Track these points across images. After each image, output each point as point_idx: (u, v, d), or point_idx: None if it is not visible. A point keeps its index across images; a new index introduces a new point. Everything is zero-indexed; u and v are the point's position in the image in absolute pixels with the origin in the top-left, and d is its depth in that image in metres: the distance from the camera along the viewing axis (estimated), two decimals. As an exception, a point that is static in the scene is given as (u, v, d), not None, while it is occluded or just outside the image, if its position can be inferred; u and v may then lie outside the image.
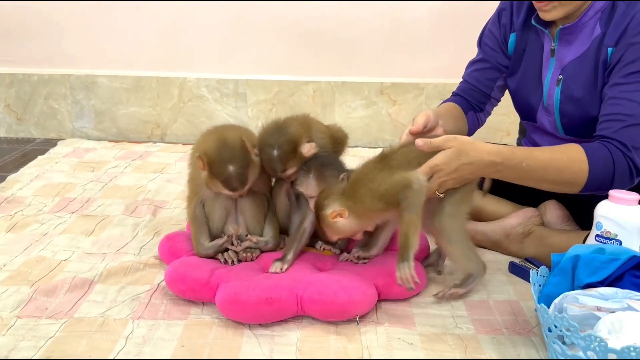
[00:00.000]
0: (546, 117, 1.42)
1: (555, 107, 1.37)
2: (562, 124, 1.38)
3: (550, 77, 1.38)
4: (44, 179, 2.04)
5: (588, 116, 1.32)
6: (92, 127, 2.59)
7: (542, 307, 1.02)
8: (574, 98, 1.33)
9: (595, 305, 1.05)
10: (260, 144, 1.37)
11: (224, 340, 1.14)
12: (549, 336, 1.02)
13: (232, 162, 1.28)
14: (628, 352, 0.90)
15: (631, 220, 1.14)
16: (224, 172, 1.28)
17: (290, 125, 1.38)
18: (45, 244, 1.53)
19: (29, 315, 1.21)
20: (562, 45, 1.35)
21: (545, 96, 1.39)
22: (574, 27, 1.31)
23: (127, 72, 2.54)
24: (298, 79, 2.51)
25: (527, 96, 1.44)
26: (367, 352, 1.11)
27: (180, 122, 2.56)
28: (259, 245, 1.41)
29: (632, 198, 1.15)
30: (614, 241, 1.16)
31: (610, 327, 0.99)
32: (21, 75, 2.55)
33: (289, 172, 1.36)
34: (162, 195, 1.90)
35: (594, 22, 1.30)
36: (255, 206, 1.42)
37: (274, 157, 1.34)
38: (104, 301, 1.27)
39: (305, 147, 1.35)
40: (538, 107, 1.43)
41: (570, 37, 1.33)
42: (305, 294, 1.19)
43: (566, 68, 1.34)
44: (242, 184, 1.31)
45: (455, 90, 1.62)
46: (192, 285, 1.24)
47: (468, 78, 1.58)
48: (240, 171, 1.29)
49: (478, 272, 1.28)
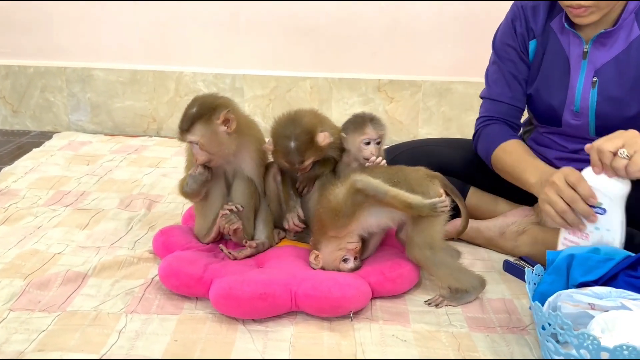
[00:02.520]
0: (574, 120, 1.39)
1: (591, 109, 1.36)
2: (597, 126, 1.37)
3: (583, 80, 1.36)
4: (38, 171, 2.03)
5: (624, 116, 1.33)
6: (88, 120, 2.58)
7: (536, 304, 1.02)
8: (613, 98, 1.33)
9: (589, 304, 1.05)
10: (275, 136, 1.36)
11: (217, 336, 1.14)
12: (542, 334, 1.02)
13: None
14: (621, 350, 0.90)
15: (616, 190, 1.15)
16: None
17: (303, 116, 1.38)
18: (39, 237, 1.52)
19: (22, 308, 1.20)
20: (595, 48, 1.34)
21: (578, 99, 1.36)
22: (613, 32, 1.31)
23: (123, 65, 2.53)
24: (295, 74, 2.50)
25: (550, 100, 1.41)
26: (360, 349, 1.11)
27: (176, 117, 2.52)
28: (258, 249, 1.41)
29: None
30: (599, 209, 1.16)
31: (603, 326, 0.99)
32: (17, 67, 2.54)
33: (307, 163, 1.36)
34: (157, 190, 1.90)
35: (630, 23, 1.30)
36: (249, 194, 1.41)
37: (292, 149, 1.33)
38: (97, 295, 1.26)
39: (321, 137, 1.35)
40: (563, 110, 1.40)
41: (607, 40, 1.32)
42: (299, 290, 1.19)
43: (601, 70, 1.34)
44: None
45: (486, 113, 1.52)
46: (185, 280, 1.23)
47: (499, 98, 1.49)
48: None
49: (474, 289, 1.27)
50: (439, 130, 2.47)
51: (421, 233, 1.25)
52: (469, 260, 1.46)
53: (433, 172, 1.32)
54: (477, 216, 1.54)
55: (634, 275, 1.12)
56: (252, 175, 1.42)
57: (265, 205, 1.46)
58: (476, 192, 1.56)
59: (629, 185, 1.15)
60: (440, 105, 2.46)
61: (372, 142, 1.36)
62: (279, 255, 1.39)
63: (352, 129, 1.37)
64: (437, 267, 1.26)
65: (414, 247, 1.26)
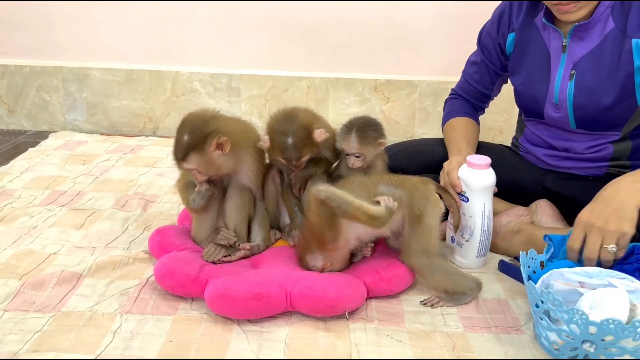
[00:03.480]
0: (555, 112, 1.44)
1: (568, 101, 1.40)
2: (575, 117, 1.41)
3: (562, 73, 1.40)
4: (34, 171, 2.02)
5: (600, 106, 1.36)
6: (84, 119, 2.58)
7: (530, 284, 1.08)
8: (589, 90, 1.37)
9: (579, 282, 1.12)
10: (271, 133, 1.36)
11: (212, 336, 1.14)
12: (536, 312, 1.08)
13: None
14: (607, 324, 0.97)
15: (474, 182, 1.34)
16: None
17: (299, 113, 1.38)
18: (35, 237, 1.52)
19: (17, 309, 1.20)
20: (573, 42, 1.38)
21: (557, 91, 1.41)
22: (589, 24, 1.34)
23: (120, 65, 2.53)
24: (292, 74, 2.50)
25: (534, 93, 1.46)
26: (355, 349, 1.11)
27: (172, 116, 2.55)
28: (253, 251, 1.41)
29: (482, 163, 1.34)
30: (463, 197, 1.37)
31: (592, 303, 1.05)
32: (13, 66, 2.53)
33: (304, 159, 1.36)
34: (153, 190, 1.89)
35: (605, 17, 1.33)
36: (241, 203, 1.41)
37: (290, 145, 1.33)
38: (92, 295, 1.26)
39: (317, 133, 1.35)
40: (545, 103, 1.44)
41: (583, 33, 1.36)
42: (294, 289, 1.19)
43: (579, 62, 1.37)
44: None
45: (456, 88, 1.69)
46: (181, 280, 1.23)
47: (469, 79, 1.64)
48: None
49: (471, 291, 1.28)
50: (435, 130, 2.47)
51: (418, 239, 1.26)
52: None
53: (424, 177, 1.35)
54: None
55: (626, 262, 1.17)
56: (250, 184, 1.41)
57: (262, 208, 1.46)
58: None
59: (489, 181, 1.34)
60: (436, 105, 2.46)
61: (351, 155, 1.37)
62: (275, 255, 1.39)
63: (339, 136, 1.39)
64: (433, 272, 1.26)
65: (411, 254, 1.26)
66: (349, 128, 1.37)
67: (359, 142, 1.35)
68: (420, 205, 1.27)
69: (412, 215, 1.27)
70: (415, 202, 1.27)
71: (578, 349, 1.04)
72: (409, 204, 1.27)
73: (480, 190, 1.35)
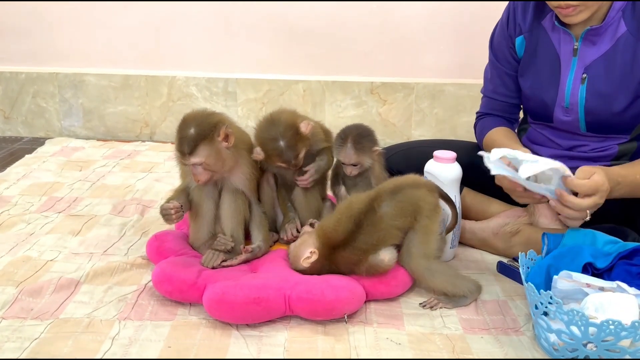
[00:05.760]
0: (565, 116, 1.42)
1: (580, 105, 1.39)
2: (587, 121, 1.40)
3: (573, 77, 1.39)
4: (31, 178, 2.02)
5: (612, 111, 1.36)
6: (81, 125, 2.57)
7: (529, 285, 1.07)
8: (601, 94, 1.36)
9: (586, 282, 1.11)
10: (262, 143, 1.37)
11: (211, 341, 1.13)
12: (535, 313, 1.08)
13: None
14: (607, 325, 0.97)
15: (443, 175, 1.39)
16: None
17: (280, 114, 1.41)
18: (32, 244, 1.51)
19: (14, 316, 1.19)
20: (585, 45, 1.37)
21: (568, 95, 1.40)
22: (601, 29, 1.33)
23: (115, 70, 2.52)
24: (288, 77, 2.50)
25: (542, 96, 1.45)
26: (355, 352, 1.11)
27: (169, 121, 2.55)
28: (255, 253, 1.40)
29: (448, 157, 1.40)
30: None
31: (597, 306, 1.05)
32: (9, 73, 2.52)
33: (301, 156, 1.38)
34: (150, 195, 1.89)
35: (617, 21, 1.33)
36: (235, 207, 1.41)
37: (283, 147, 1.35)
38: (90, 302, 1.25)
39: (303, 126, 1.37)
40: (554, 106, 1.43)
41: (595, 37, 1.35)
42: (293, 293, 1.19)
43: (591, 66, 1.36)
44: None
45: (481, 109, 1.64)
46: (179, 285, 1.23)
47: (492, 95, 1.59)
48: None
49: (471, 294, 1.28)
50: (432, 131, 2.47)
51: (418, 243, 1.26)
52: (463, 262, 1.47)
53: (429, 182, 1.35)
54: (470, 217, 1.55)
55: (632, 263, 1.18)
56: (244, 187, 1.41)
57: (259, 210, 1.46)
58: (469, 193, 1.56)
59: (456, 174, 1.40)
60: (433, 107, 2.46)
61: (349, 164, 1.39)
62: (272, 259, 1.39)
63: (335, 148, 1.41)
64: (433, 276, 1.26)
65: (411, 259, 1.27)
66: (343, 139, 1.39)
67: (355, 153, 1.38)
68: (420, 209, 1.27)
69: (411, 219, 1.27)
70: (414, 206, 1.27)
71: (578, 350, 1.03)
72: (408, 208, 1.27)
73: (449, 183, 1.39)
